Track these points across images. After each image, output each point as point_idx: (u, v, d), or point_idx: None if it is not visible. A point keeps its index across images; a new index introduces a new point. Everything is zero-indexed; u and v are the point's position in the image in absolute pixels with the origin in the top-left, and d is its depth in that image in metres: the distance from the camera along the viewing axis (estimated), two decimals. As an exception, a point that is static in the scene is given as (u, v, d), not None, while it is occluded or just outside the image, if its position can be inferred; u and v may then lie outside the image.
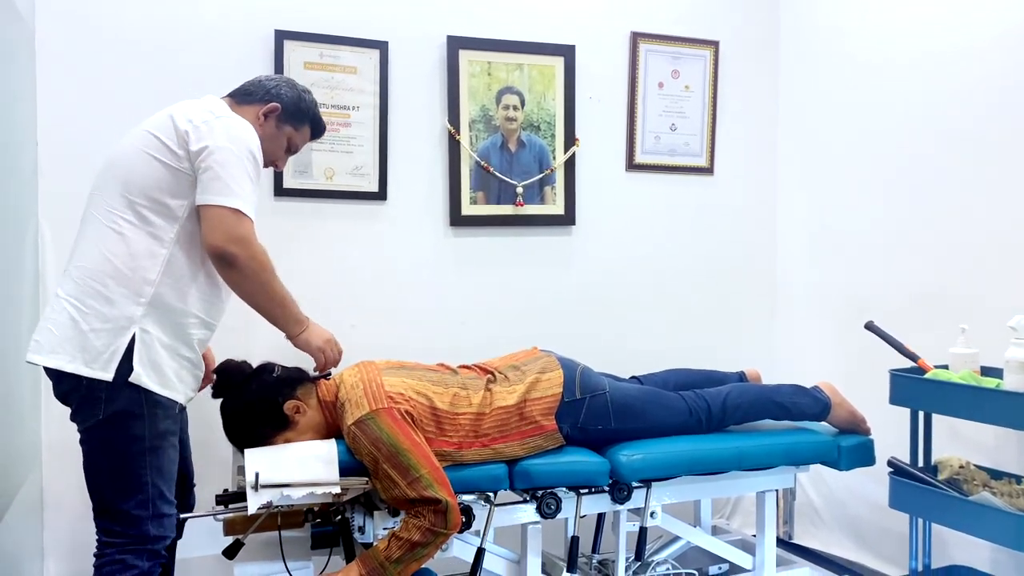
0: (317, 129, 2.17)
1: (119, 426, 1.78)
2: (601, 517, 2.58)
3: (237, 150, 1.84)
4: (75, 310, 1.78)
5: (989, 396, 2.16)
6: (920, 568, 2.45)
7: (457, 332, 2.84)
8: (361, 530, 2.02)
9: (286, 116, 2.06)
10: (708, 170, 3.23)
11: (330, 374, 2.18)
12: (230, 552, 1.97)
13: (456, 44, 2.81)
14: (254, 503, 1.84)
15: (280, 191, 2.64)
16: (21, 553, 2.21)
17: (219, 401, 2.08)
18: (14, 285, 2.14)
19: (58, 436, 2.38)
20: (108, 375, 1.76)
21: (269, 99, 2.05)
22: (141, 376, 1.78)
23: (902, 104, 2.81)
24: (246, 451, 1.94)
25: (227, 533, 1.98)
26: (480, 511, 2.10)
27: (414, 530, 1.89)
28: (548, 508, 2.16)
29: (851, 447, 2.40)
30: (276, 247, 2.28)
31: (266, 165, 2.11)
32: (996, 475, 2.33)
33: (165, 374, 1.82)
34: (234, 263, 1.81)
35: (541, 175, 2.95)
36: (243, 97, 2.04)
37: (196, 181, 1.83)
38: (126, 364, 1.76)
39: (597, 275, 3.06)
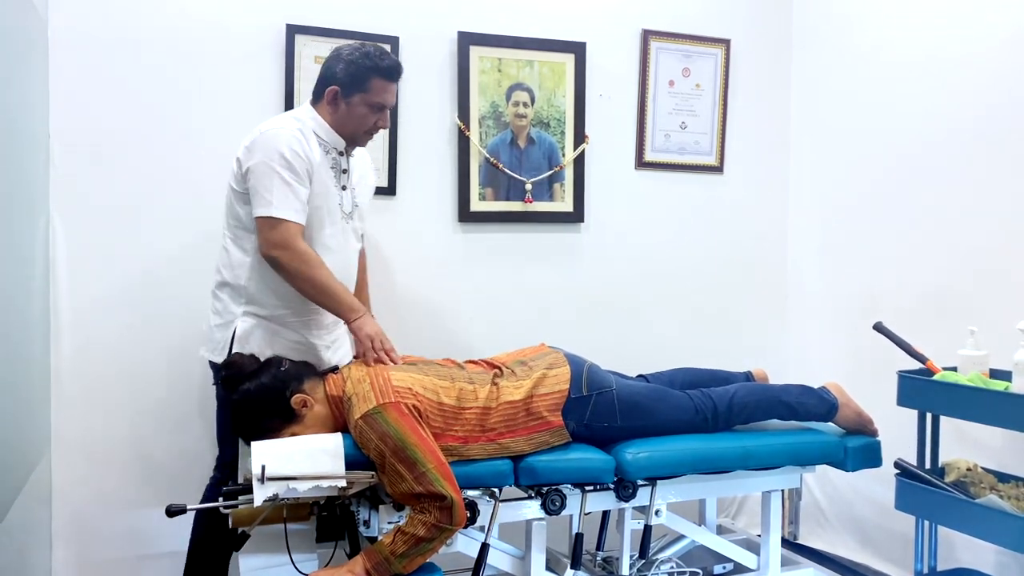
0: (388, 74, 2.18)
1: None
2: (606, 514, 2.58)
3: (269, 159, 2.07)
4: (210, 312, 2.23)
5: (997, 399, 2.16)
6: (925, 570, 2.44)
7: (465, 328, 2.85)
8: (366, 524, 2.03)
9: (347, 90, 2.16)
10: (718, 169, 3.22)
11: (337, 368, 2.19)
12: (236, 544, 1.98)
13: (467, 40, 2.81)
14: (260, 496, 1.85)
15: (290, 185, 2.64)
16: (30, 540, 2.22)
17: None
18: (25, 276, 2.15)
19: (67, 425, 2.40)
20: (220, 359, 2.14)
21: (326, 84, 2.18)
22: None
23: (914, 103, 2.79)
24: (253, 444, 1.95)
25: (233, 525, 1.99)
26: (485, 507, 2.10)
27: (419, 525, 1.89)
28: (553, 505, 2.16)
29: (858, 448, 2.39)
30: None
31: (368, 133, 2.24)
32: (1003, 478, 2.32)
33: (265, 355, 2.13)
34: (278, 265, 2.09)
35: (550, 172, 2.95)
36: (316, 96, 2.22)
37: None
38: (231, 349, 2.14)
39: (605, 273, 3.06)
